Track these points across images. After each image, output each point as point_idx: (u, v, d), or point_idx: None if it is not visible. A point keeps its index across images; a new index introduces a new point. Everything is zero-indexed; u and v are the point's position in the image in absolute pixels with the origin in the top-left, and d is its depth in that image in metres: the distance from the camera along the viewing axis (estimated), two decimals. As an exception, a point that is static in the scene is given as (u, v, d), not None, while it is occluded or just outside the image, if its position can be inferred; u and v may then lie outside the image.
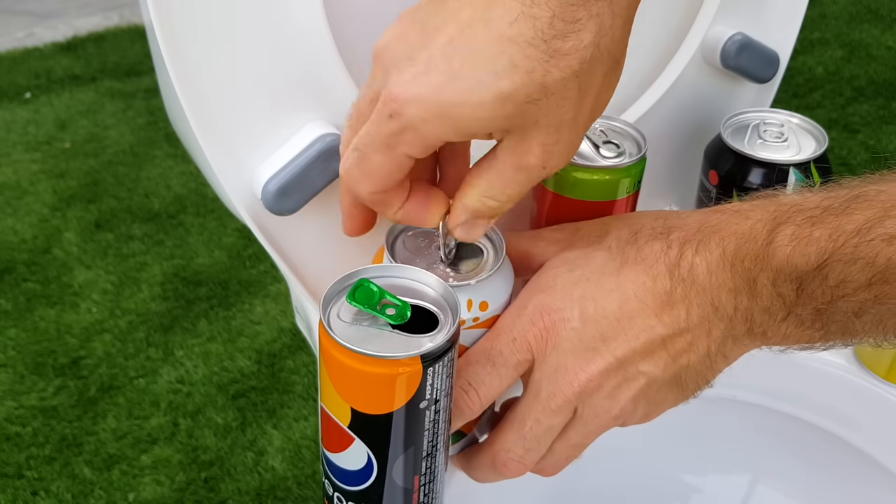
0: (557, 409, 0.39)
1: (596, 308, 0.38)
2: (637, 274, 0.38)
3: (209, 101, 0.43)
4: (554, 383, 0.39)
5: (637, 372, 0.39)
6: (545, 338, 0.39)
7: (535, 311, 0.40)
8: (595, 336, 0.38)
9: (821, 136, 0.53)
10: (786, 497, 0.63)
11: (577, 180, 0.47)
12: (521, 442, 0.41)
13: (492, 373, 0.40)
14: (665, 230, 0.39)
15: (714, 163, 0.54)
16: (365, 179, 0.38)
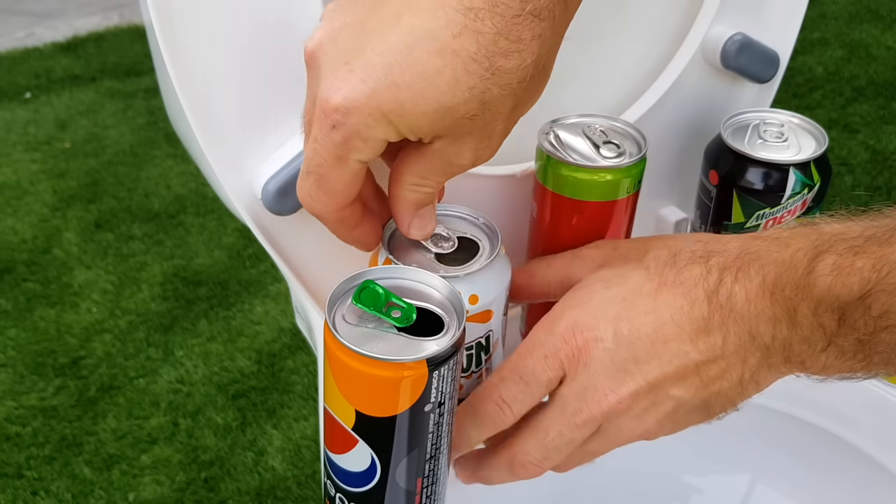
0: (582, 424, 0.39)
1: (630, 329, 0.38)
2: (675, 297, 0.38)
3: (209, 100, 0.43)
4: (582, 401, 0.39)
5: (667, 396, 0.38)
6: (577, 356, 0.39)
7: (568, 329, 0.39)
8: (628, 358, 0.38)
9: (821, 136, 0.53)
10: (786, 497, 0.63)
11: (578, 180, 0.47)
12: (542, 450, 0.41)
13: (524, 391, 0.40)
14: (705, 254, 0.38)
15: (714, 163, 0.54)
16: (328, 199, 0.37)
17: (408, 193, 0.39)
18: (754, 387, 0.39)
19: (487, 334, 0.45)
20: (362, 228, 0.41)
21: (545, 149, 0.48)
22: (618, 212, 0.48)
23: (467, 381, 0.47)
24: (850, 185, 1.42)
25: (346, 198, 0.38)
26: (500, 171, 0.52)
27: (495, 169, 0.52)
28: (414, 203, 0.39)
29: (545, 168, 0.48)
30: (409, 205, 0.39)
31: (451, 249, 0.43)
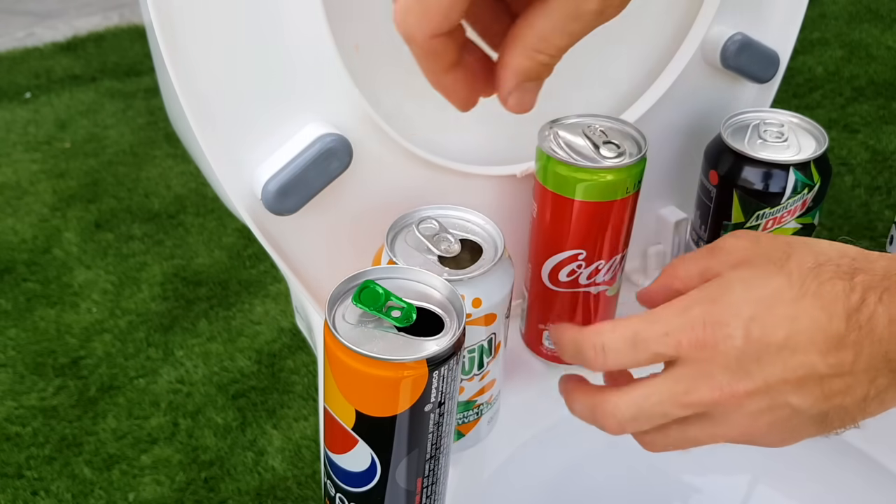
0: (685, 405, 0.39)
1: (762, 333, 0.37)
2: (814, 309, 0.37)
3: (209, 100, 0.43)
4: (695, 383, 0.38)
5: (784, 402, 0.38)
6: (701, 346, 0.38)
7: (699, 318, 0.38)
8: (752, 358, 0.37)
9: (821, 136, 0.53)
10: (786, 497, 0.63)
11: (578, 180, 0.47)
12: (633, 409, 0.40)
13: (627, 352, 0.39)
14: (850, 271, 0.38)
15: (714, 163, 0.54)
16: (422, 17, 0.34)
17: (521, 59, 0.36)
18: (878, 405, 0.38)
19: (490, 337, 0.45)
20: (454, 77, 0.38)
21: (545, 149, 0.48)
22: (618, 212, 0.48)
23: (469, 383, 0.47)
24: (850, 185, 1.42)
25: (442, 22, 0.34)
26: (501, 171, 0.53)
27: (495, 169, 0.53)
28: (524, 71, 0.37)
29: (545, 168, 0.48)
30: (517, 72, 0.36)
31: (455, 252, 0.43)
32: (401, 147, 0.48)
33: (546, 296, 0.53)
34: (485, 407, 0.49)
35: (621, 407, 0.40)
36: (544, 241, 0.51)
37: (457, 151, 0.52)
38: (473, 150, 0.53)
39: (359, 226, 0.50)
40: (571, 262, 0.50)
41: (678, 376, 0.39)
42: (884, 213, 1.35)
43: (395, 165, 0.49)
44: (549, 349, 0.55)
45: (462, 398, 0.47)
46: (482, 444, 0.51)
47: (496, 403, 0.50)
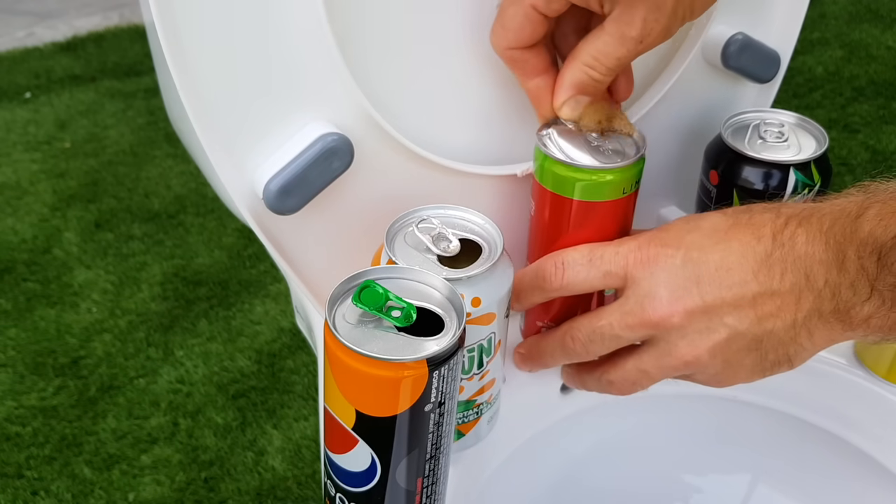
0: (633, 325, 0.43)
1: (700, 255, 0.41)
2: (743, 234, 0.41)
3: (211, 100, 0.43)
4: (638, 304, 0.42)
5: (721, 323, 0.41)
6: (645, 264, 0.42)
7: (645, 241, 0.43)
8: (690, 277, 0.41)
9: (821, 136, 0.53)
10: (786, 497, 0.63)
11: (576, 180, 0.47)
12: (589, 331, 0.45)
13: (585, 266, 0.44)
14: (776, 206, 0.42)
15: (714, 163, 0.54)
16: (501, 33, 0.44)
17: (577, 73, 0.44)
18: (807, 336, 0.41)
19: (489, 337, 0.45)
20: (536, 85, 0.46)
21: (543, 148, 0.48)
22: (617, 211, 0.48)
23: (468, 383, 0.47)
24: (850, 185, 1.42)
25: (517, 39, 0.44)
26: (501, 171, 0.53)
27: (495, 169, 0.53)
28: (577, 83, 0.44)
29: (543, 168, 0.48)
30: (572, 83, 0.44)
31: (454, 252, 0.43)
32: (402, 146, 0.48)
33: (546, 295, 0.53)
34: (485, 406, 0.49)
35: (581, 329, 0.45)
36: (542, 240, 0.51)
37: (457, 151, 0.52)
38: (474, 150, 0.53)
39: (359, 225, 0.50)
40: (570, 261, 0.50)
41: (626, 299, 0.43)
42: (884, 213, 1.35)
43: (396, 165, 0.49)
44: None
45: (462, 398, 0.47)
46: (482, 444, 0.51)
47: (496, 403, 0.50)
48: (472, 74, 0.51)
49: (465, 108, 0.52)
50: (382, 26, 0.47)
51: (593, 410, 0.60)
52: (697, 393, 0.61)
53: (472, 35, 0.50)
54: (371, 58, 0.47)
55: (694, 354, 0.42)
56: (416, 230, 0.44)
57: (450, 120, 0.52)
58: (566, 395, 0.59)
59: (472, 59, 0.51)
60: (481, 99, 0.52)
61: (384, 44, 0.47)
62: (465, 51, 0.50)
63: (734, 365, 0.42)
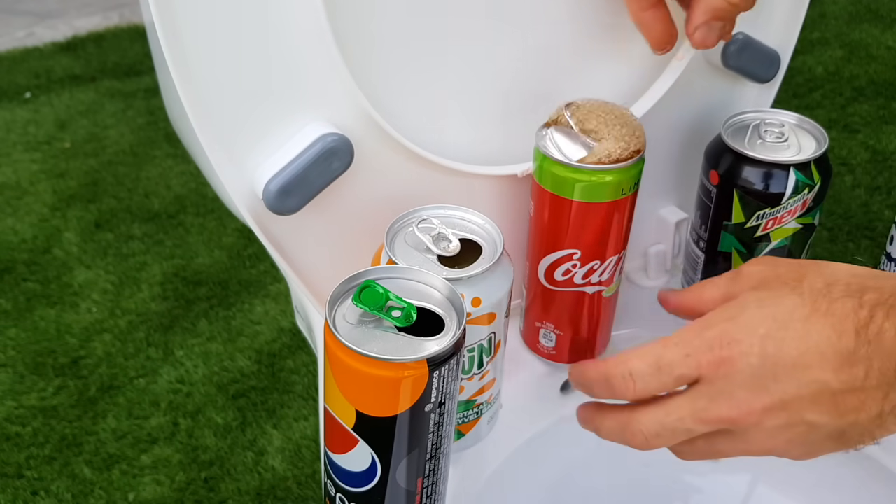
0: (706, 420, 0.40)
1: (776, 349, 0.39)
2: (823, 327, 0.38)
3: (211, 100, 0.43)
4: (714, 402, 0.40)
5: (801, 419, 0.39)
6: (719, 365, 0.39)
7: (716, 338, 0.40)
8: (768, 376, 0.39)
9: (821, 136, 0.53)
10: (786, 497, 0.63)
11: (576, 181, 0.47)
12: (657, 426, 0.42)
13: (654, 376, 0.41)
14: (859, 290, 0.39)
15: (714, 163, 0.54)
16: None
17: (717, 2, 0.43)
18: (894, 421, 0.39)
19: (490, 336, 0.45)
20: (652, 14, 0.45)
21: (542, 149, 0.48)
22: (616, 212, 0.48)
23: (468, 383, 0.47)
24: (850, 185, 1.42)
25: None
26: (501, 171, 0.53)
27: (496, 169, 0.53)
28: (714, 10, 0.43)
29: (542, 168, 0.48)
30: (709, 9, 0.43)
31: (454, 252, 0.43)
32: (402, 146, 0.48)
33: (543, 295, 0.53)
34: (485, 406, 0.49)
35: (646, 423, 0.42)
36: (540, 240, 0.51)
37: (457, 151, 0.52)
38: (474, 150, 0.53)
39: (359, 225, 0.50)
40: (566, 261, 0.50)
41: (699, 394, 0.40)
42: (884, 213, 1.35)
43: (395, 165, 0.49)
44: (547, 348, 0.55)
45: (462, 397, 0.47)
46: (482, 444, 0.51)
47: (496, 403, 0.50)
48: (472, 74, 0.51)
49: (465, 108, 0.52)
50: (382, 26, 0.47)
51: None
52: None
53: (473, 35, 0.50)
54: (371, 58, 0.47)
55: (772, 445, 0.41)
56: (416, 230, 0.44)
57: (450, 120, 0.52)
58: (566, 395, 0.59)
59: (473, 59, 0.51)
60: (481, 99, 0.52)
61: (384, 44, 0.47)
62: (465, 51, 0.50)
63: (816, 448, 0.41)
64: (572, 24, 0.53)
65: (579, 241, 0.49)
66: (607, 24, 0.54)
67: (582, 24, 0.53)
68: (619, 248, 0.51)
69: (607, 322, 0.55)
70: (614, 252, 0.50)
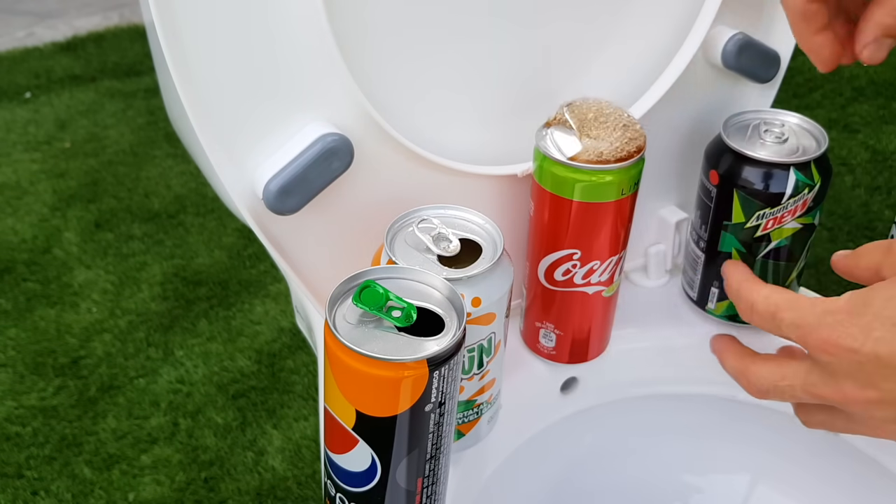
0: (814, 396, 0.41)
1: (888, 353, 0.38)
2: None
3: (211, 100, 0.43)
4: (823, 380, 0.41)
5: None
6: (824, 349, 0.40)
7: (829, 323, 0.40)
8: (877, 374, 0.39)
9: (821, 136, 0.53)
10: (786, 497, 0.63)
11: (575, 181, 0.47)
12: (770, 386, 0.44)
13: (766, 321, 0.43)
14: None
15: (714, 163, 0.54)
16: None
17: (885, 16, 0.42)
18: None
19: (490, 336, 0.45)
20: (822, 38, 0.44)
21: (542, 149, 0.48)
22: (616, 212, 0.48)
23: (468, 383, 0.47)
24: (850, 185, 1.42)
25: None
26: (501, 171, 0.53)
27: (496, 169, 0.53)
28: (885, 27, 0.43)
29: (542, 168, 0.48)
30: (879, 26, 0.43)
31: (454, 252, 0.43)
32: (402, 147, 0.48)
33: (543, 295, 0.53)
34: (485, 406, 0.49)
35: (762, 378, 0.44)
36: (540, 240, 0.51)
37: (457, 151, 0.52)
38: (473, 150, 0.53)
39: (359, 225, 0.50)
40: (566, 261, 0.50)
41: (812, 367, 0.41)
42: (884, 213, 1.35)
43: (395, 165, 0.49)
44: (547, 348, 0.55)
45: (462, 397, 0.47)
46: (482, 444, 0.51)
47: (496, 403, 0.50)
48: (473, 75, 0.51)
49: (465, 107, 0.52)
50: (383, 26, 0.47)
51: (593, 410, 0.60)
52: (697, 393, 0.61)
53: (474, 35, 0.50)
54: (371, 58, 0.47)
55: (884, 433, 0.41)
56: (416, 230, 0.44)
57: (450, 120, 0.52)
58: (566, 395, 0.59)
59: (473, 60, 0.51)
60: (481, 99, 0.52)
61: (384, 44, 0.47)
62: (466, 51, 0.50)
63: None
64: (573, 23, 0.53)
65: (579, 241, 0.49)
66: (607, 25, 0.54)
67: (583, 23, 0.53)
68: (619, 248, 0.51)
69: (607, 322, 0.55)
70: (614, 252, 0.50)
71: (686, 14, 0.56)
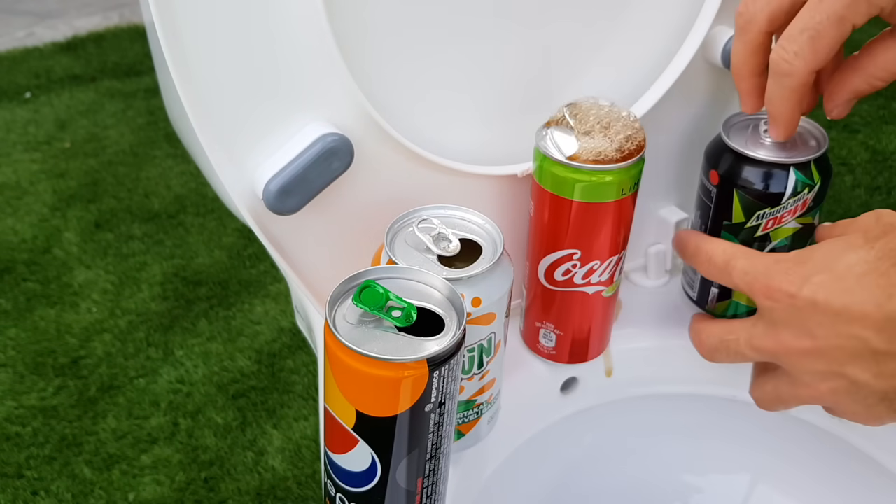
0: (755, 349, 0.43)
1: (824, 299, 0.39)
2: (877, 286, 0.39)
3: (211, 100, 0.43)
4: (764, 331, 0.42)
5: (841, 371, 0.40)
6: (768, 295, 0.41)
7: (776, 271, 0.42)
8: (812, 321, 0.40)
9: (821, 136, 0.53)
10: (786, 497, 0.63)
11: (576, 181, 0.47)
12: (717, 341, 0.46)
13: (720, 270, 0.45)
14: None
15: (714, 163, 0.54)
16: (813, 57, 0.42)
17: (859, 82, 0.44)
18: None
19: (490, 336, 0.45)
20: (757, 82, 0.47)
21: (542, 149, 0.48)
22: (616, 212, 0.48)
23: (468, 383, 0.47)
24: (850, 185, 1.42)
25: (825, 61, 0.42)
26: (501, 171, 0.53)
27: (496, 169, 0.53)
28: (858, 92, 0.44)
29: (542, 168, 0.48)
30: (852, 90, 0.44)
31: (454, 252, 0.43)
32: (402, 146, 0.48)
33: (543, 295, 0.53)
34: (485, 406, 0.49)
35: (710, 335, 0.47)
36: (540, 240, 0.51)
37: (457, 151, 0.52)
38: (473, 150, 0.53)
39: (359, 225, 0.50)
40: (566, 261, 0.50)
41: (756, 321, 0.43)
42: (884, 213, 1.35)
43: (395, 165, 0.49)
44: (547, 348, 0.55)
45: (462, 397, 0.47)
46: (482, 444, 0.51)
47: (496, 403, 0.50)
48: (473, 74, 0.51)
49: (465, 107, 0.52)
50: (383, 26, 0.47)
51: (593, 410, 0.60)
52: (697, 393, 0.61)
53: (475, 35, 0.50)
54: (371, 58, 0.47)
55: (816, 394, 0.41)
56: (416, 230, 0.44)
57: (450, 120, 0.52)
58: (566, 395, 0.59)
59: (473, 60, 0.51)
60: (481, 99, 0.52)
61: (384, 44, 0.47)
62: (466, 51, 0.50)
63: (869, 408, 0.41)
64: (573, 24, 0.53)
65: (579, 241, 0.49)
66: (607, 25, 0.54)
67: (583, 24, 0.53)
68: (619, 248, 0.51)
69: (607, 322, 0.55)
70: (614, 252, 0.50)
71: (686, 14, 0.56)
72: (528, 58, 0.52)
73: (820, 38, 0.42)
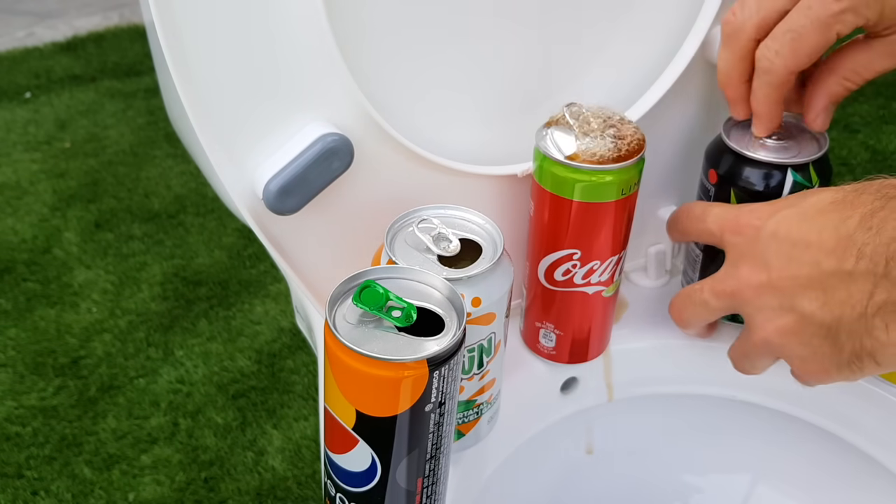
0: (717, 293, 0.44)
1: (785, 230, 0.41)
2: (836, 213, 0.40)
3: (211, 100, 0.43)
4: (725, 272, 0.44)
5: (790, 304, 0.40)
6: (734, 231, 0.44)
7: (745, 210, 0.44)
8: (770, 253, 0.41)
9: (821, 136, 0.53)
10: (786, 497, 0.63)
11: (576, 182, 0.47)
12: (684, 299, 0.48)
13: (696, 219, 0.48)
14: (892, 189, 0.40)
15: (714, 163, 0.54)
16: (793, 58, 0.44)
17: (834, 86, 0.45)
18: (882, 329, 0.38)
19: (490, 336, 0.45)
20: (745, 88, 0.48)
21: (542, 149, 0.48)
22: (616, 212, 0.48)
23: (468, 383, 0.47)
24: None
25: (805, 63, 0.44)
26: (501, 171, 0.53)
27: (496, 169, 0.53)
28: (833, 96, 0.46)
29: (542, 168, 0.48)
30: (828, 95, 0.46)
31: (454, 252, 0.43)
32: (402, 146, 0.48)
33: (543, 295, 0.53)
34: (485, 406, 0.49)
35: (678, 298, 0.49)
36: (540, 240, 0.51)
37: (457, 151, 0.52)
38: (473, 150, 0.53)
39: (359, 225, 0.50)
40: (566, 261, 0.50)
41: (718, 270, 0.45)
42: (884, 213, 1.35)
43: (396, 165, 0.49)
44: (547, 348, 0.55)
45: (462, 397, 0.47)
46: (482, 444, 0.51)
47: (496, 403, 0.50)
48: (473, 74, 0.51)
49: (465, 107, 0.52)
50: (382, 26, 0.47)
51: (593, 410, 0.60)
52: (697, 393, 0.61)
53: (475, 36, 0.50)
54: (371, 58, 0.47)
55: (765, 334, 0.42)
56: (416, 230, 0.44)
57: (450, 120, 0.52)
58: (566, 395, 0.59)
59: (473, 60, 0.51)
60: (481, 99, 0.52)
61: (384, 44, 0.47)
62: (467, 51, 0.50)
63: (814, 351, 0.41)
64: (574, 24, 0.53)
65: (579, 241, 0.49)
66: (607, 25, 0.54)
67: (583, 24, 0.53)
68: (619, 248, 0.51)
69: (607, 322, 0.55)
70: (614, 252, 0.50)
71: (686, 15, 0.56)
72: (528, 58, 0.52)
73: (801, 41, 0.43)
